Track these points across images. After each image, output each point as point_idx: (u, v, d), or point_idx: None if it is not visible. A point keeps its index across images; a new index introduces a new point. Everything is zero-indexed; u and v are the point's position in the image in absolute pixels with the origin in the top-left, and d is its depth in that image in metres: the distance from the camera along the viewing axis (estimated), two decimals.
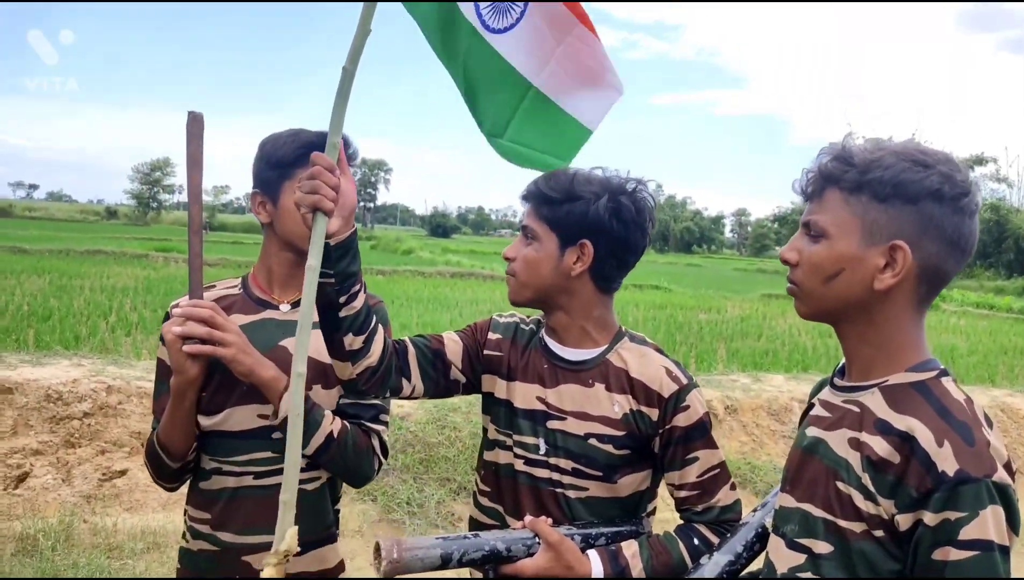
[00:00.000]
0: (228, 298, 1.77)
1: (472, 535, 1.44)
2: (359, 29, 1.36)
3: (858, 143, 1.21)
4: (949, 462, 1.04)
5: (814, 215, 1.21)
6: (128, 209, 71.60)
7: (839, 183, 1.18)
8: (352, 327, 1.45)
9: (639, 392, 1.55)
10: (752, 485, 5.88)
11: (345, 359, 1.48)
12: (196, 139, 1.57)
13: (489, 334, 1.69)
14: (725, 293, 20.00)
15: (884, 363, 1.19)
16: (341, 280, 1.40)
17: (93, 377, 5.19)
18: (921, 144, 1.20)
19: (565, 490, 1.55)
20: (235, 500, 1.70)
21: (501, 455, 1.63)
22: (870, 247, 1.16)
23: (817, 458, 1.21)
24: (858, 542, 1.12)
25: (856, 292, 1.18)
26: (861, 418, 1.16)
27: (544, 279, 1.58)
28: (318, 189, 1.34)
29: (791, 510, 1.24)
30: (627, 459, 1.55)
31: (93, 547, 4.09)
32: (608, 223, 1.54)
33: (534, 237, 1.58)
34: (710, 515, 1.56)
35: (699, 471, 1.55)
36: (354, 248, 1.42)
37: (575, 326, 1.61)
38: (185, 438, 1.67)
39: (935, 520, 1.04)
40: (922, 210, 1.13)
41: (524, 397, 1.60)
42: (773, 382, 7.49)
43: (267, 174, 1.70)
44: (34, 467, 4.68)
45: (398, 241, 37.88)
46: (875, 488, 1.10)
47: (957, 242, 1.15)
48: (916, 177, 1.13)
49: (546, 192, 1.57)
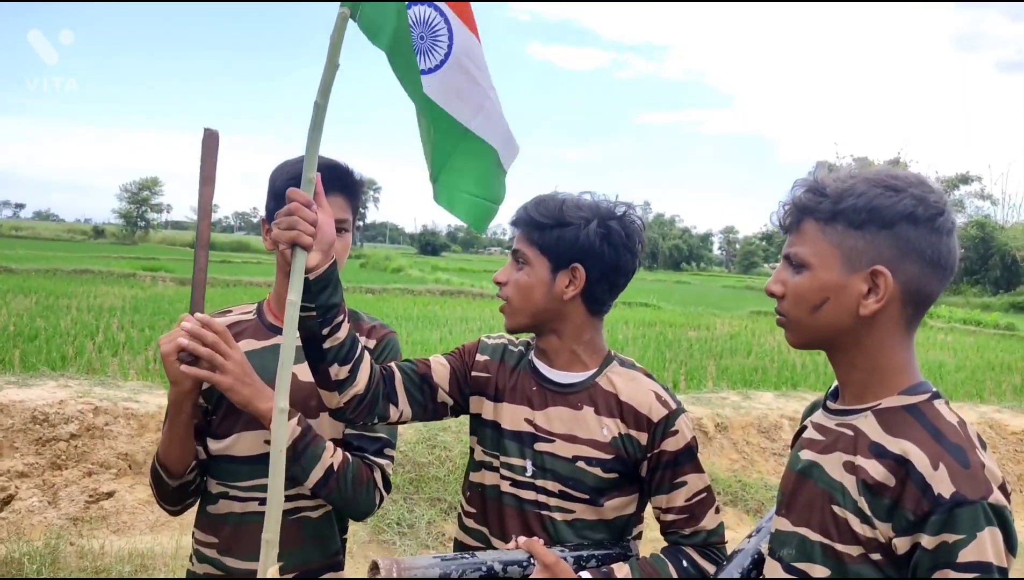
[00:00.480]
0: (241, 324, 1.78)
1: (469, 555, 1.43)
2: (327, 64, 1.37)
3: (829, 173, 1.23)
4: (945, 485, 1.04)
5: (794, 247, 1.23)
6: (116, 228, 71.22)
7: (814, 214, 1.20)
8: (337, 357, 1.46)
9: (628, 416, 1.56)
10: (743, 503, 5.87)
11: (332, 389, 1.49)
12: (211, 156, 1.58)
13: (477, 356, 1.70)
14: (714, 310, 20.04)
15: (876, 387, 1.20)
16: (323, 312, 1.42)
17: (80, 398, 5.14)
18: (893, 169, 1.22)
19: (551, 512, 1.55)
20: (241, 526, 1.70)
21: (487, 476, 1.63)
22: (851, 274, 1.17)
23: (812, 481, 1.21)
24: (855, 566, 1.12)
25: (842, 319, 1.19)
26: (855, 441, 1.17)
27: (537, 303, 1.59)
28: (295, 225, 1.36)
29: (787, 534, 1.24)
30: (614, 482, 1.56)
31: (80, 571, 4.04)
32: (599, 247, 1.56)
33: (525, 261, 1.60)
34: (697, 539, 1.56)
35: (687, 495, 1.56)
36: (335, 279, 1.43)
37: (566, 349, 1.62)
38: (183, 454, 1.65)
39: (933, 543, 1.04)
40: (898, 233, 1.15)
41: (512, 418, 1.61)
42: (763, 399, 7.50)
43: (271, 204, 1.72)
44: (19, 489, 4.62)
45: (387, 259, 37.80)
46: (871, 511, 1.10)
47: (937, 262, 1.16)
48: (889, 202, 1.15)
49: (536, 217, 1.58)
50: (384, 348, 1.84)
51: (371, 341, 1.82)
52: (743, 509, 5.83)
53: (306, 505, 1.72)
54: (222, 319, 1.77)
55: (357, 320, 1.85)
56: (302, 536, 1.71)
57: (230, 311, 1.84)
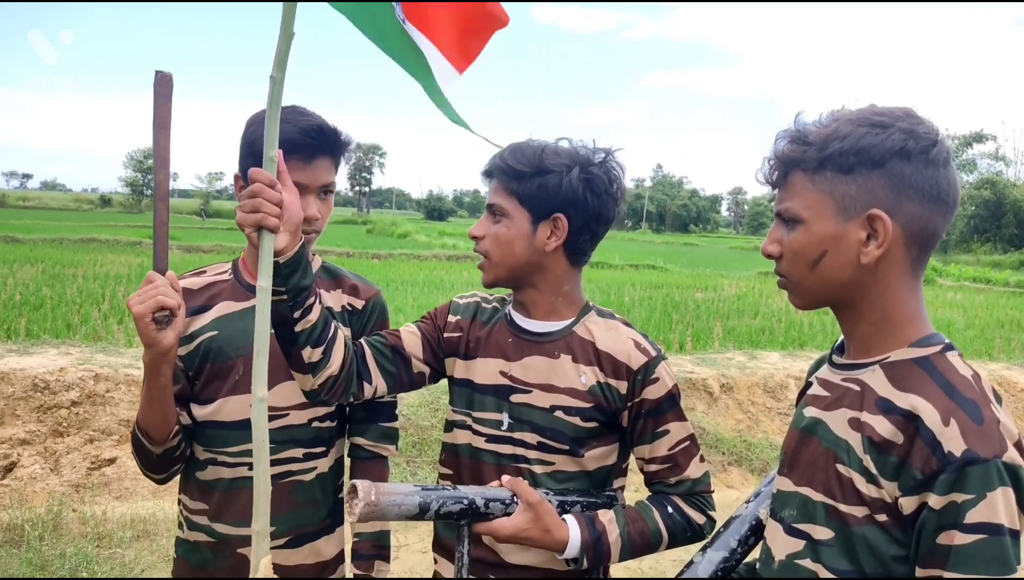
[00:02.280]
0: (218, 285, 1.72)
1: (451, 487, 1.39)
2: (282, 32, 1.28)
3: (812, 118, 1.15)
4: (956, 442, 0.97)
5: (784, 203, 1.15)
6: (123, 197, 71.34)
7: (800, 164, 1.13)
8: (310, 340, 1.42)
9: (607, 364, 1.51)
10: (748, 463, 5.85)
11: (305, 372, 1.45)
12: (164, 100, 1.48)
13: (449, 317, 1.65)
14: (721, 272, 19.96)
15: (884, 339, 1.13)
16: (294, 295, 1.37)
17: (81, 365, 5.13)
18: (876, 106, 1.13)
19: (531, 465, 1.51)
20: (231, 491, 1.66)
21: (460, 435, 1.59)
22: (847, 222, 1.10)
23: (816, 439, 1.15)
24: (860, 527, 1.06)
25: (844, 271, 1.12)
26: (862, 397, 1.10)
27: (518, 257, 1.52)
28: (259, 207, 1.29)
29: (789, 494, 1.18)
30: (594, 432, 1.52)
31: (82, 536, 4.04)
32: (581, 196, 1.49)
33: (503, 214, 1.52)
34: (682, 488, 1.53)
35: (669, 444, 1.52)
36: (304, 261, 1.37)
37: (544, 301, 1.57)
38: (164, 420, 1.59)
39: (941, 503, 0.98)
40: (891, 171, 1.07)
41: (485, 373, 1.56)
42: (769, 360, 7.46)
43: (247, 161, 1.64)
44: (21, 457, 4.63)
45: (394, 225, 37.79)
46: (877, 470, 1.04)
47: (938, 196, 1.09)
48: (876, 140, 1.07)
49: (515, 166, 1.50)
50: (372, 311, 1.78)
51: (358, 301, 1.76)
52: (747, 469, 5.81)
53: (297, 469, 1.68)
54: (197, 279, 1.72)
55: (339, 276, 1.79)
56: (294, 500, 1.67)
57: (204, 271, 1.78)
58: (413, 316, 9.06)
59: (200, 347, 1.65)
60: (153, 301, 1.45)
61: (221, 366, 1.64)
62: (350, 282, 1.78)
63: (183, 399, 1.68)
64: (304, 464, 1.68)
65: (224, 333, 1.66)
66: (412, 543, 4.29)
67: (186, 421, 1.68)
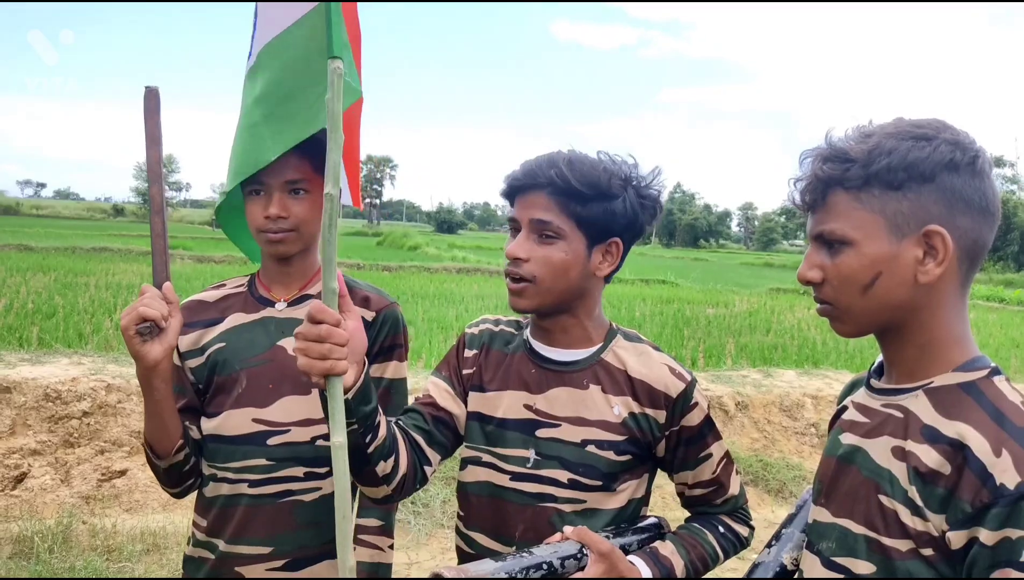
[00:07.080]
0: (232, 297, 1.71)
1: (526, 553, 1.32)
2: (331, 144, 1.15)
3: (839, 135, 1.11)
4: (1009, 474, 0.93)
5: (827, 225, 1.10)
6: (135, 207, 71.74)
7: (843, 183, 1.08)
8: (382, 455, 1.35)
9: (642, 393, 1.44)
10: (764, 483, 5.77)
11: (379, 484, 1.38)
12: (153, 115, 1.48)
13: (465, 352, 1.57)
14: (733, 287, 19.87)
15: (929, 363, 1.08)
16: (364, 421, 1.28)
17: (92, 375, 5.11)
18: (909, 118, 1.10)
19: (559, 504, 1.44)
20: (229, 508, 1.62)
21: (478, 472, 1.51)
22: (902, 240, 1.05)
23: (855, 468, 1.10)
24: (904, 562, 1.02)
25: (899, 293, 1.07)
26: (906, 424, 1.06)
27: (571, 283, 1.43)
28: (330, 354, 1.17)
29: (827, 525, 1.13)
30: (627, 465, 1.46)
31: (91, 549, 4.01)
32: (639, 220, 1.45)
33: (559, 236, 1.41)
34: (726, 507, 1.53)
35: (712, 468, 1.49)
36: (370, 385, 1.28)
37: (578, 327, 1.49)
38: (164, 434, 1.56)
39: (993, 539, 0.93)
40: (941, 185, 1.04)
41: (508, 407, 1.48)
42: (784, 378, 7.37)
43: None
44: (32, 467, 4.60)
45: (405, 237, 37.83)
46: (923, 502, 1.00)
47: (986, 208, 1.05)
48: (924, 153, 1.03)
49: (578, 187, 1.39)
50: (383, 324, 1.70)
51: (368, 313, 1.68)
52: (764, 489, 5.73)
53: (298, 488, 1.62)
54: (215, 292, 1.72)
55: (351, 288, 1.73)
56: (293, 522, 1.62)
57: (224, 285, 1.77)
58: (423, 328, 9.02)
59: (209, 359, 1.64)
60: (135, 313, 1.43)
61: (225, 378, 1.62)
62: (361, 294, 1.71)
63: (194, 412, 1.65)
64: (305, 484, 1.62)
65: (231, 345, 1.63)
66: (423, 561, 4.24)
67: (196, 436, 1.65)
